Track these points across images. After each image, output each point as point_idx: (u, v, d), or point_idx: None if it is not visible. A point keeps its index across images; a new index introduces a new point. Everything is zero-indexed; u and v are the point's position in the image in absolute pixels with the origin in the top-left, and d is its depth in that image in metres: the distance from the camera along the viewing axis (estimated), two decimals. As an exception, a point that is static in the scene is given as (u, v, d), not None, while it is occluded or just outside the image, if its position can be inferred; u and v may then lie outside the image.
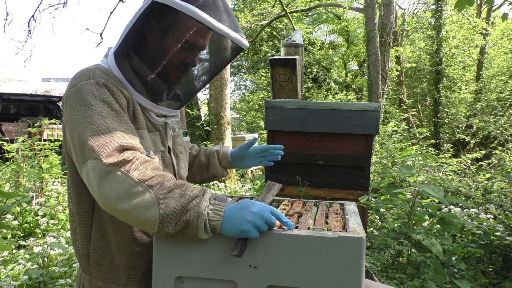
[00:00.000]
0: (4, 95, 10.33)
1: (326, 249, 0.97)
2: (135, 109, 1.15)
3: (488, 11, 16.05)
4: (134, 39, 1.17)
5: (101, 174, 0.94)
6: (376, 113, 2.70)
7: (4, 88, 22.28)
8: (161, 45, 1.17)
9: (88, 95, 1.05)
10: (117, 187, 0.94)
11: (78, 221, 1.18)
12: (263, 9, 15.56)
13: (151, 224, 0.95)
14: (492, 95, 13.48)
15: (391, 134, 7.05)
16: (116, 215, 0.99)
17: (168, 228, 0.95)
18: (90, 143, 0.98)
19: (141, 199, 0.94)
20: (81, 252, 1.20)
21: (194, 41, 1.17)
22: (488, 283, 2.85)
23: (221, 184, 6.07)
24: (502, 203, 4.36)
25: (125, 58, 1.17)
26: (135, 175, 0.95)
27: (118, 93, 1.10)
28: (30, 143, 4.67)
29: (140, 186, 0.94)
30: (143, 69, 1.18)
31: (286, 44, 3.49)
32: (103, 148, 0.96)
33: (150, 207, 0.93)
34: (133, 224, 1.00)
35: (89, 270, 1.19)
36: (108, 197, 0.94)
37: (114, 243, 1.16)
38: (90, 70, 1.12)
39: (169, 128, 1.29)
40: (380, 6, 12.99)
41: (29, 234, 3.79)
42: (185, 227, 0.96)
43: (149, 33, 1.18)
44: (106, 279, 1.17)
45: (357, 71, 21.18)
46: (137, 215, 0.94)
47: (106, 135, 0.99)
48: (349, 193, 2.73)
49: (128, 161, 0.96)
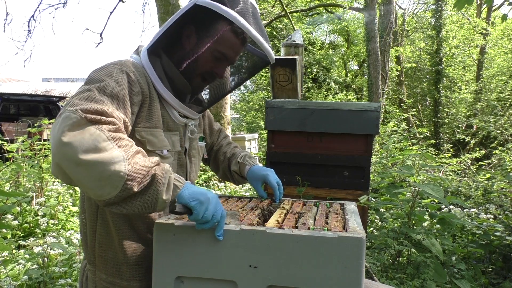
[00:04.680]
0: (4, 95, 10.31)
1: (326, 249, 0.97)
2: (153, 107, 1.17)
3: (488, 11, 16.05)
4: (169, 39, 1.21)
5: (72, 124, 0.90)
6: (376, 113, 2.70)
7: (4, 88, 22.28)
8: (194, 50, 1.20)
9: (105, 74, 1.07)
10: (85, 138, 0.89)
11: (88, 213, 1.21)
12: (263, 9, 15.56)
13: (116, 181, 0.90)
14: (492, 95, 13.47)
15: (391, 134, 7.05)
16: (73, 172, 0.90)
17: (133, 187, 0.91)
18: (76, 100, 0.96)
19: (109, 153, 0.90)
20: (89, 244, 1.22)
21: (226, 52, 1.20)
22: (488, 283, 2.85)
23: (221, 184, 6.07)
24: (502, 203, 4.36)
25: (158, 56, 1.20)
26: (107, 133, 0.92)
27: (136, 85, 1.11)
28: (30, 143, 4.67)
29: (110, 143, 0.91)
30: (173, 69, 1.21)
31: (286, 44, 3.49)
32: (85, 105, 0.94)
33: (119, 162, 0.90)
34: (92, 184, 0.91)
35: (94, 262, 1.22)
36: (71, 147, 0.88)
37: (117, 239, 1.17)
38: (121, 60, 1.16)
39: (188, 130, 1.32)
40: (380, 6, 12.98)
41: (29, 234, 3.79)
42: (149, 183, 0.94)
43: (185, 35, 1.21)
44: (110, 273, 1.20)
45: (357, 71, 21.18)
46: (103, 169, 0.88)
47: (95, 102, 0.98)
48: (349, 193, 2.73)
49: (103, 122, 0.94)
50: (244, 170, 1.51)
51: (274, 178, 1.45)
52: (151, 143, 1.16)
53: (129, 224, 1.18)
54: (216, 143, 1.64)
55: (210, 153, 1.65)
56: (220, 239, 1.02)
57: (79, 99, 0.97)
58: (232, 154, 1.59)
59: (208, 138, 1.60)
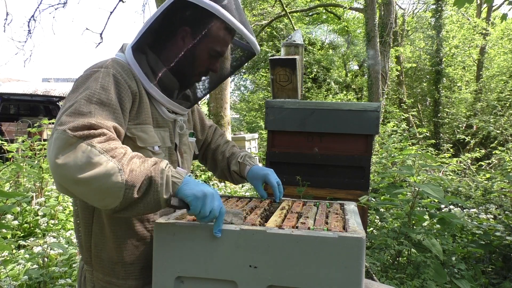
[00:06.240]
0: (4, 95, 10.31)
1: (326, 249, 0.97)
2: (142, 104, 1.17)
3: (488, 11, 16.05)
4: (153, 36, 1.20)
5: (63, 145, 0.92)
6: (376, 113, 2.70)
7: (4, 88, 22.28)
8: (178, 45, 1.21)
9: (91, 79, 1.08)
10: (78, 157, 0.91)
11: (82, 215, 1.22)
12: (263, 9, 15.57)
13: (116, 192, 0.92)
14: (492, 95, 13.47)
15: (391, 134, 7.05)
16: (75, 190, 0.94)
17: (133, 194, 0.94)
18: (64, 117, 0.98)
19: (104, 167, 0.92)
20: (84, 245, 1.23)
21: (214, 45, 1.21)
22: (488, 283, 2.85)
23: (221, 184, 6.07)
24: (502, 203, 4.36)
25: (142, 53, 1.20)
26: (98, 146, 0.94)
27: (124, 86, 1.11)
28: (30, 143, 4.67)
29: (104, 156, 0.93)
30: (159, 65, 1.21)
31: (286, 44, 3.49)
32: (72, 122, 0.96)
33: (114, 174, 0.92)
34: (94, 197, 0.95)
35: (91, 262, 1.23)
36: (67, 167, 0.91)
37: (112, 239, 1.18)
38: (105, 61, 1.15)
39: (177, 125, 1.31)
40: (380, 6, 12.98)
41: (29, 234, 3.78)
42: (148, 187, 0.96)
43: (168, 31, 1.20)
44: (106, 272, 1.21)
45: (357, 71, 21.17)
46: (101, 184, 0.91)
47: (83, 116, 0.98)
48: (349, 193, 2.73)
49: (93, 136, 0.95)
50: (245, 170, 1.51)
51: (274, 178, 1.46)
52: (142, 140, 1.16)
53: (125, 223, 1.18)
54: (212, 142, 1.63)
55: (202, 150, 1.63)
56: (218, 236, 1.02)
57: (67, 115, 0.98)
58: (231, 153, 1.58)
59: (200, 134, 1.58)
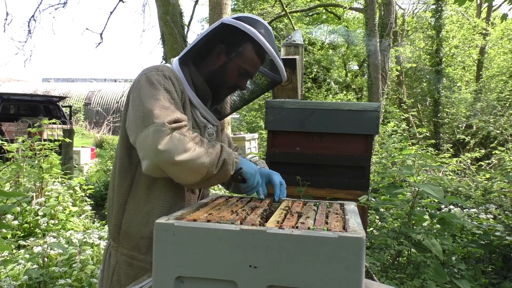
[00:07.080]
0: (4, 95, 10.32)
1: (326, 249, 0.97)
2: (185, 104, 1.40)
3: (488, 11, 16.06)
4: (197, 53, 1.44)
5: (163, 136, 1.16)
6: (376, 113, 2.70)
7: (4, 88, 22.29)
8: (218, 64, 1.44)
9: (155, 81, 1.31)
10: (177, 144, 1.17)
11: (117, 193, 1.40)
12: (263, 9, 15.58)
13: (202, 170, 1.22)
14: (492, 95, 13.48)
15: (391, 134, 7.05)
16: (170, 169, 1.20)
17: (214, 170, 1.24)
18: (156, 112, 1.22)
19: (195, 151, 1.20)
20: (114, 221, 1.39)
21: (248, 68, 1.43)
22: (488, 283, 2.86)
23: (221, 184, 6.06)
24: (502, 203, 4.36)
25: (186, 66, 1.44)
26: (187, 135, 1.21)
27: (177, 87, 1.36)
28: (30, 143, 4.67)
29: (192, 143, 1.20)
30: (199, 79, 1.45)
31: (286, 44, 3.49)
32: (166, 117, 1.21)
33: (202, 156, 1.21)
34: (184, 175, 1.22)
35: (118, 238, 1.39)
36: (168, 152, 1.16)
37: (144, 214, 1.35)
38: (159, 65, 1.39)
39: (206, 131, 1.52)
40: (380, 6, 12.98)
41: (29, 234, 3.79)
42: (222, 165, 1.27)
43: (212, 50, 1.43)
44: (131, 247, 1.36)
45: (357, 71, 21.17)
46: (192, 164, 1.19)
47: (167, 110, 1.24)
48: (349, 193, 2.73)
49: (181, 127, 1.22)
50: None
51: (278, 178, 1.55)
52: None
53: (161, 200, 1.35)
54: None
55: None
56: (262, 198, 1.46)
57: (159, 109, 1.23)
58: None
59: None
